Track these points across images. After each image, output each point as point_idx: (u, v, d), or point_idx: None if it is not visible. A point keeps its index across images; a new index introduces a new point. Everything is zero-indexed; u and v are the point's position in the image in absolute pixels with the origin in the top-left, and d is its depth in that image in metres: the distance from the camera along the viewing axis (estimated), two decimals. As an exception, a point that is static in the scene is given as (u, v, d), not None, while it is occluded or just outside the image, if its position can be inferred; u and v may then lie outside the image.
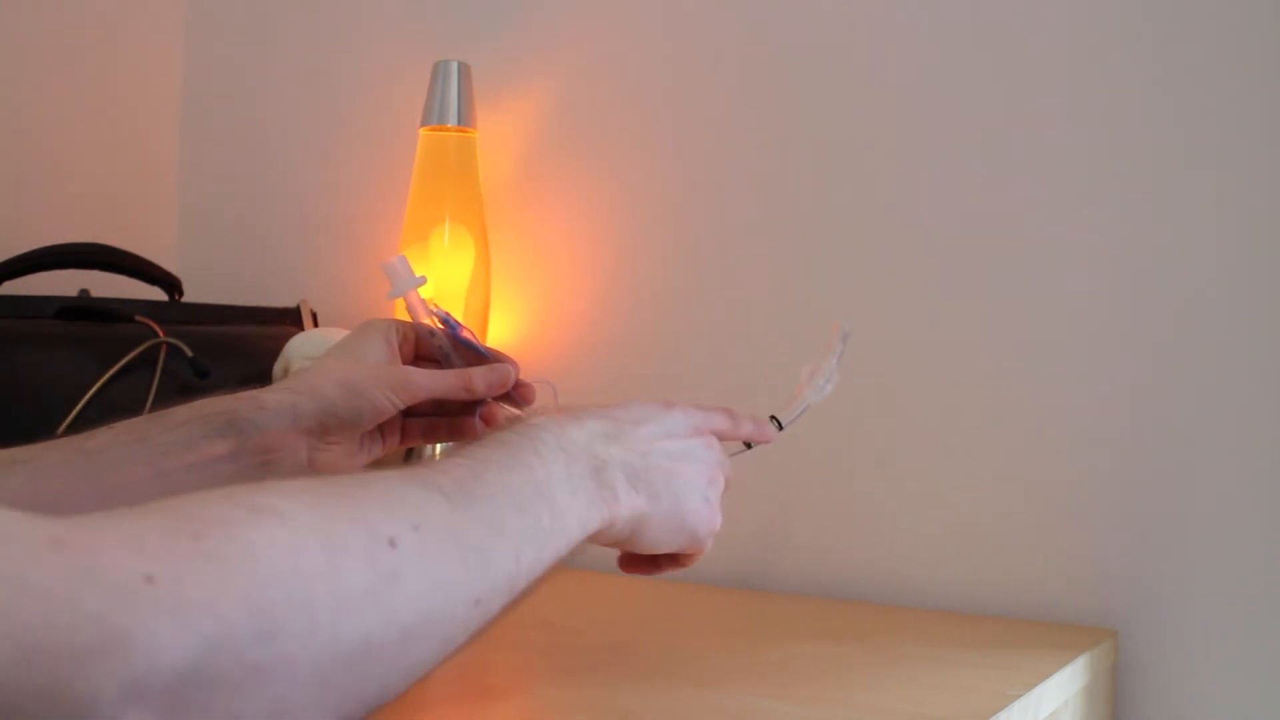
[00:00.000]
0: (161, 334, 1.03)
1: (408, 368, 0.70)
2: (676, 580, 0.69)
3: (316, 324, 1.21)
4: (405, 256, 0.73)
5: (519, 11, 1.20)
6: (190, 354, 1.03)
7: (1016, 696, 0.67)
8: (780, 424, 0.73)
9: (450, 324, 0.73)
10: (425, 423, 0.74)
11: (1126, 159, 0.93)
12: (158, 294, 1.20)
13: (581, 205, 1.16)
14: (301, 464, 0.66)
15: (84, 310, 1.05)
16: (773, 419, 0.73)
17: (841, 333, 0.74)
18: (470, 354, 0.73)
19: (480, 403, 0.72)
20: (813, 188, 1.05)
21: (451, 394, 0.70)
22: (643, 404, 0.64)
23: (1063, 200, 0.95)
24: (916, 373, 0.99)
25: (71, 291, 1.10)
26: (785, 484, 1.04)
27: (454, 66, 1.10)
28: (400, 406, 0.68)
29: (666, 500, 0.62)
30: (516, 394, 0.72)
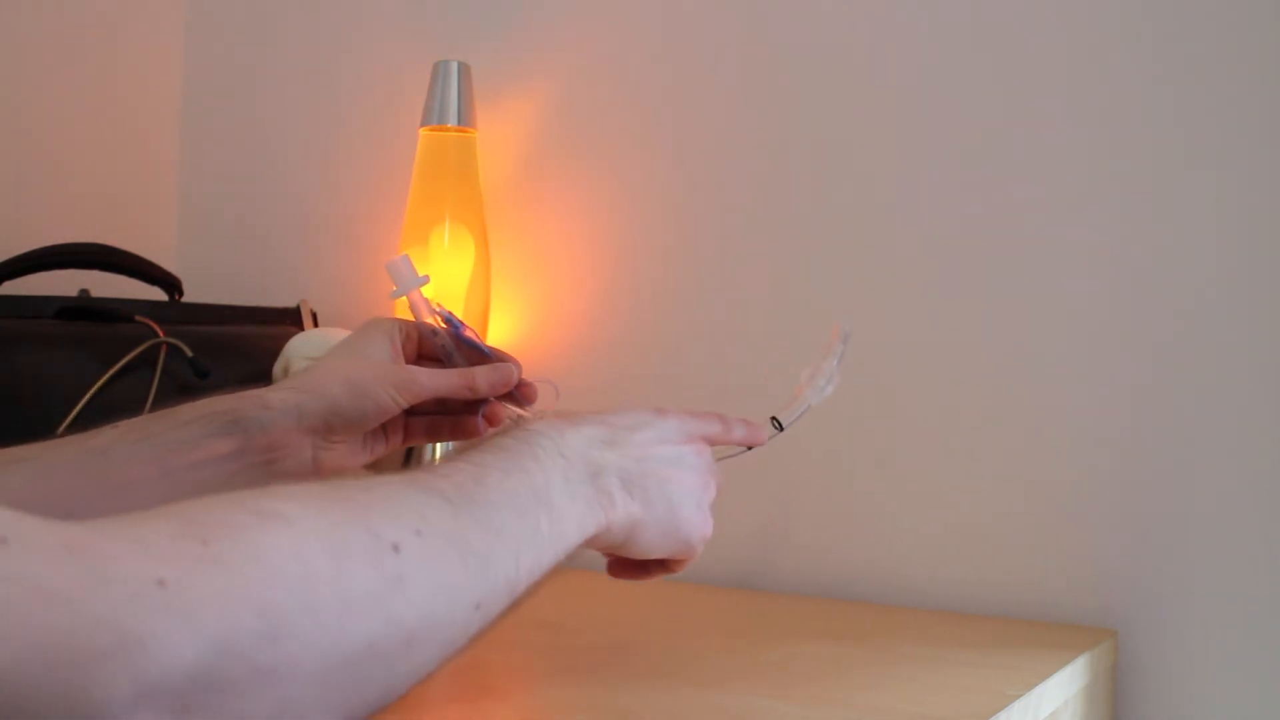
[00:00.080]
0: (161, 334, 1.03)
1: (411, 367, 0.70)
2: (677, 580, 0.69)
3: (316, 324, 1.21)
4: (408, 256, 0.73)
5: (519, 11, 1.20)
6: (190, 354, 1.03)
7: (1016, 696, 0.67)
8: (781, 425, 0.73)
9: (453, 323, 0.73)
10: (428, 421, 0.74)
11: (1126, 159, 0.93)
12: (158, 294, 1.20)
13: (581, 205, 1.16)
14: (306, 463, 0.66)
15: (84, 310, 1.05)
16: (773, 420, 0.73)
17: (842, 334, 0.74)
18: (473, 353, 0.73)
19: (483, 402, 0.72)
20: (813, 188, 1.05)
21: (455, 393, 0.70)
22: (636, 410, 0.64)
23: (1063, 200, 0.95)
24: (916, 373, 0.99)
25: (71, 291, 1.10)
26: (785, 484, 1.04)
27: (454, 66, 1.10)
28: (404, 405, 0.68)
29: (661, 506, 0.62)
30: (519, 393, 0.72)
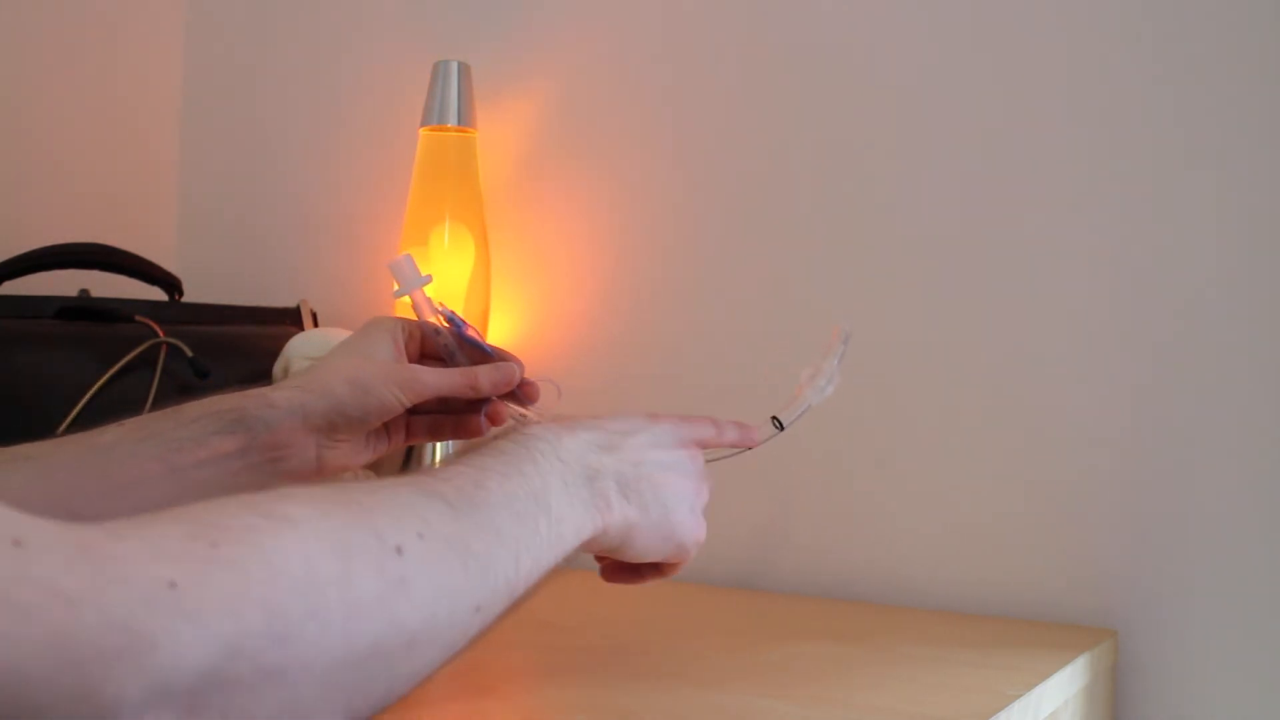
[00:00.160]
0: (161, 334, 1.03)
1: (415, 366, 0.70)
2: (677, 580, 0.69)
3: (316, 324, 1.21)
4: (411, 255, 0.73)
5: (519, 11, 1.20)
6: (190, 354, 1.03)
7: (1016, 696, 0.67)
8: (781, 424, 0.73)
9: (456, 322, 0.73)
10: (430, 420, 0.74)
11: (1126, 159, 0.93)
12: (158, 294, 1.20)
13: (581, 205, 1.16)
14: (310, 461, 0.66)
15: (84, 310, 1.05)
16: (774, 419, 0.73)
17: (842, 334, 0.74)
18: (475, 352, 0.73)
19: (485, 401, 0.72)
20: (813, 188, 1.05)
21: (457, 392, 0.70)
22: (630, 415, 0.65)
23: (1063, 200, 0.95)
24: (916, 373, 0.99)
25: (71, 291, 1.10)
26: (785, 484, 1.04)
27: (454, 66, 1.10)
28: (407, 404, 0.68)
29: (656, 510, 0.62)
30: (521, 392, 0.72)
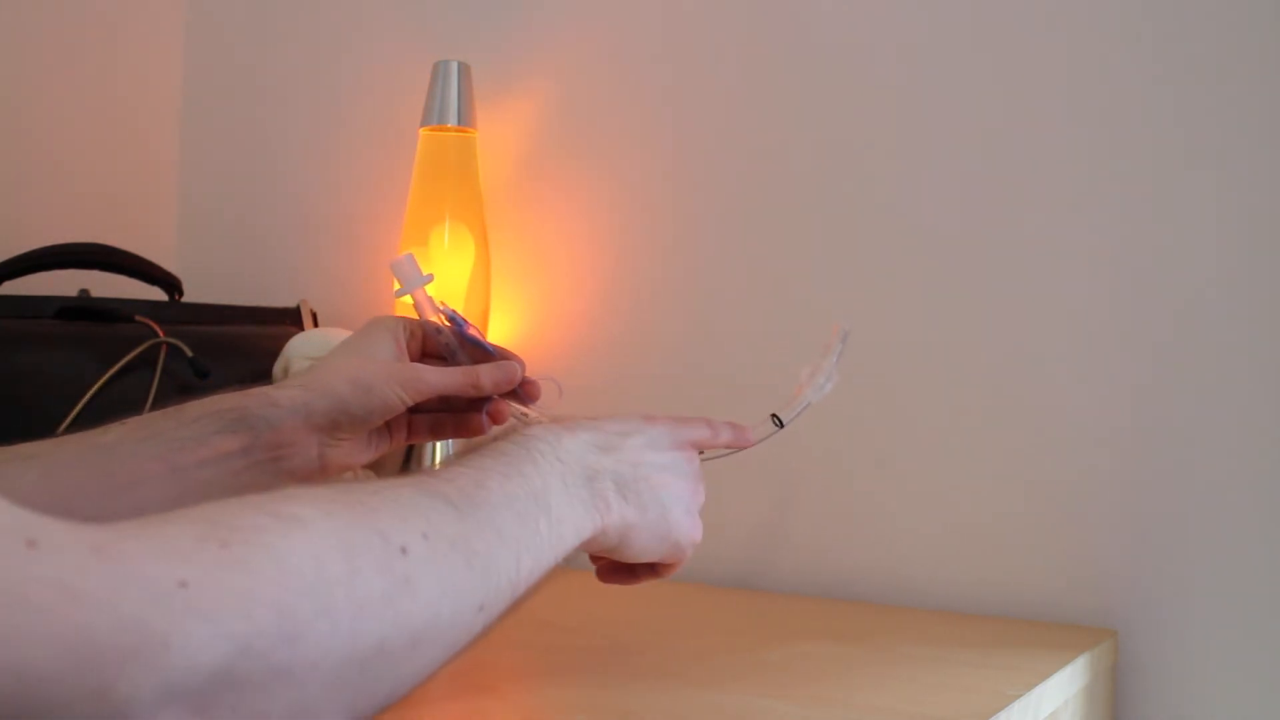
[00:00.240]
0: (161, 334, 1.03)
1: (417, 365, 0.70)
2: (676, 580, 0.69)
3: (316, 324, 1.21)
4: (413, 255, 0.73)
5: (519, 11, 1.20)
6: (190, 354, 1.03)
7: (1016, 696, 0.67)
8: (781, 422, 0.73)
9: (457, 321, 0.73)
10: (432, 419, 0.74)
11: (1126, 159, 0.93)
12: (158, 294, 1.20)
13: (581, 205, 1.16)
14: (312, 460, 0.66)
15: (84, 310, 1.05)
16: (774, 417, 0.73)
17: (841, 332, 0.74)
18: (477, 351, 0.73)
19: (487, 400, 0.73)
20: (813, 188, 1.05)
21: (459, 391, 0.70)
22: (627, 417, 0.65)
23: (1063, 200, 0.95)
24: (916, 373, 0.99)
25: (71, 291, 1.10)
26: (785, 484, 1.04)
27: (454, 66, 1.10)
28: (409, 403, 0.68)
29: (654, 511, 0.62)
30: (522, 391, 0.72)
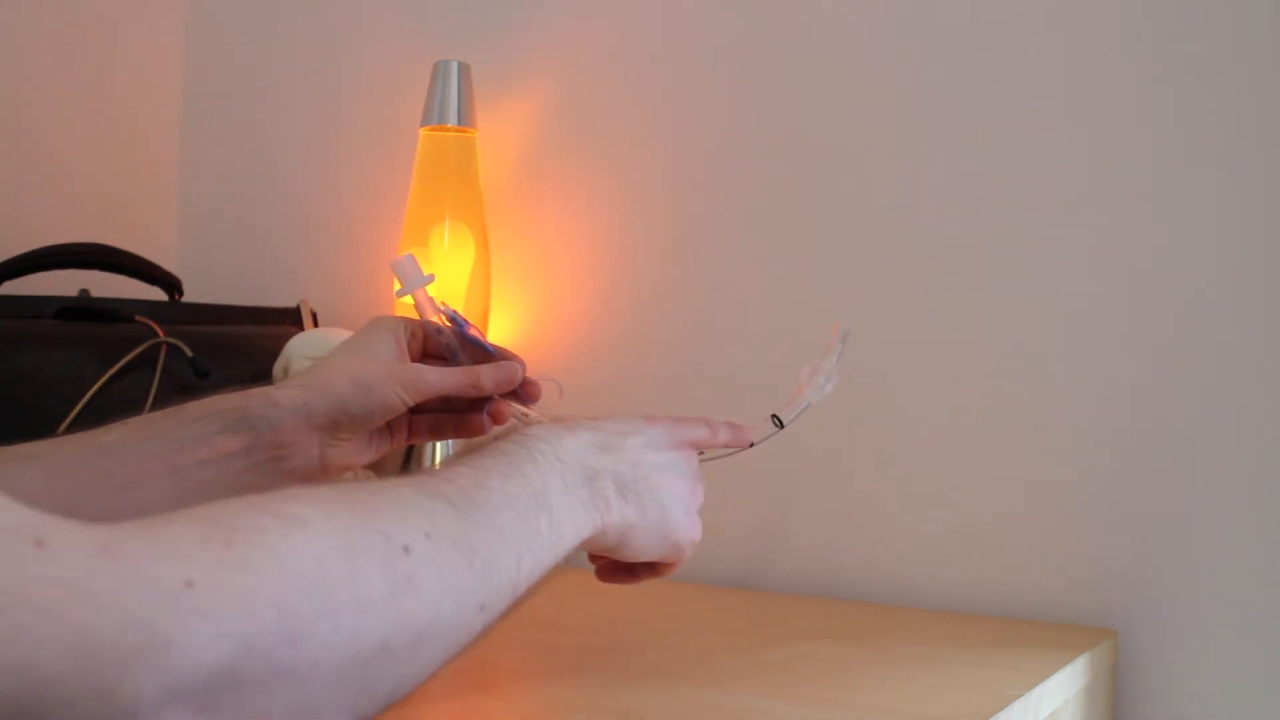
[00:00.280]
0: (161, 334, 1.03)
1: (418, 365, 0.70)
2: (677, 580, 0.69)
3: (316, 324, 1.21)
4: (413, 255, 0.73)
5: (519, 11, 1.20)
6: (190, 354, 1.03)
7: (1016, 696, 0.67)
8: (781, 423, 0.73)
9: (458, 322, 0.73)
10: (432, 419, 0.74)
11: (1126, 159, 0.93)
12: (158, 294, 1.20)
13: (581, 205, 1.16)
14: (313, 460, 0.66)
15: (84, 310, 1.05)
16: (774, 417, 0.73)
17: (841, 332, 0.74)
18: (477, 352, 0.73)
19: (487, 400, 0.73)
20: (813, 188, 1.05)
21: (460, 391, 0.70)
22: (626, 417, 0.65)
23: (1063, 200, 0.95)
24: (916, 373, 0.99)
25: (71, 291, 1.10)
26: (785, 484, 1.04)
27: (454, 66, 1.10)
28: (410, 404, 0.69)
29: (653, 511, 0.63)
30: (523, 391, 0.72)
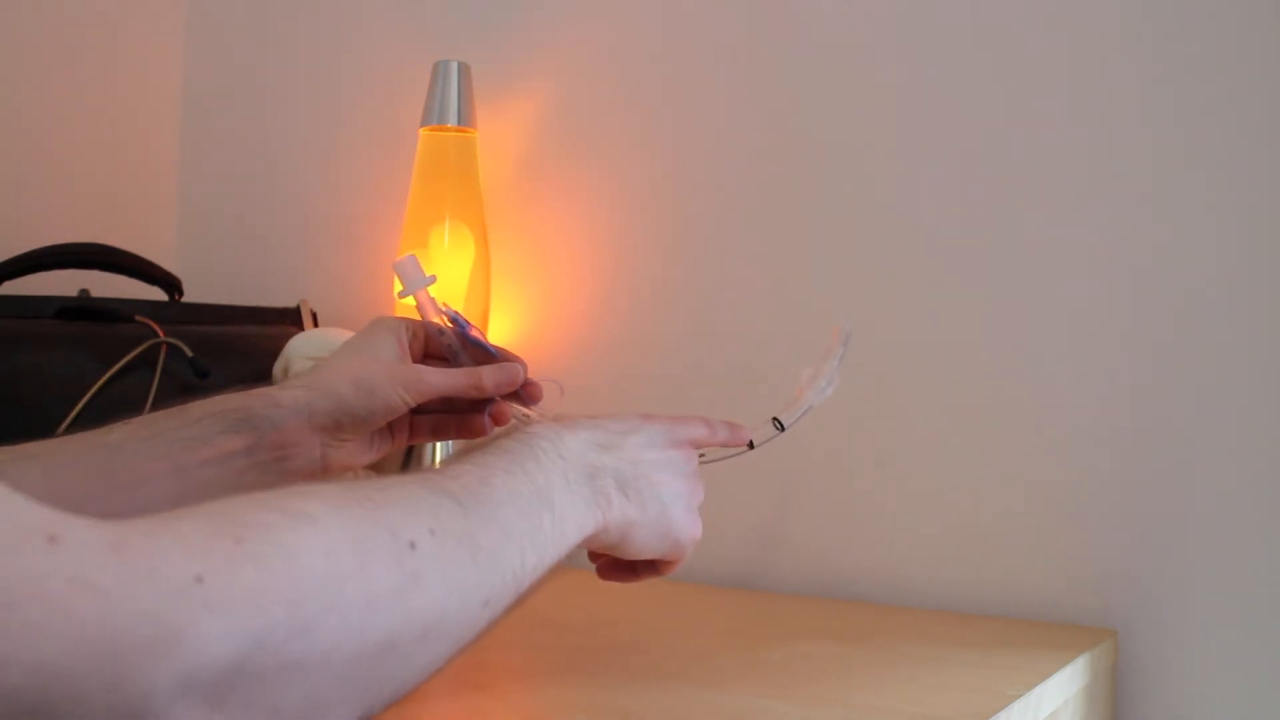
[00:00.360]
0: (161, 334, 1.03)
1: (419, 366, 0.71)
2: (676, 580, 0.70)
3: (316, 324, 1.21)
4: (415, 256, 0.73)
5: (519, 11, 1.20)
6: (190, 354, 1.03)
7: (1016, 696, 0.67)
8: (782, 425, 0.73)
9: (459, 323, 0.73)
10: (434, 420, 0.74)
11: (1126, 159, 0.93)
12: (158, 294, 1.20)
13: (581, 205, 1.16)
14: (315, 460, 0.67)
15: (84, 310, 1.05)
16: (774, 420, 0.73)
17: (842, 335, 0.74)
18: (479, 352, 0.73)
19: (489, 401, 0.73)
20: (812, 188, 1.05)
21: (461, 392, 0.71)
22: (626, 416, 0.65)
23: (1063, 200, 0.95)
24: (916, 373, 0.99)
25: (71, 291, 1.10)
26: (785, 484, 1.04)
27: (454, 66, 1.10)
28: (412, 404, 0.69)
29: (654, 508, 0.63)
30: (524, 392, 0.72)
